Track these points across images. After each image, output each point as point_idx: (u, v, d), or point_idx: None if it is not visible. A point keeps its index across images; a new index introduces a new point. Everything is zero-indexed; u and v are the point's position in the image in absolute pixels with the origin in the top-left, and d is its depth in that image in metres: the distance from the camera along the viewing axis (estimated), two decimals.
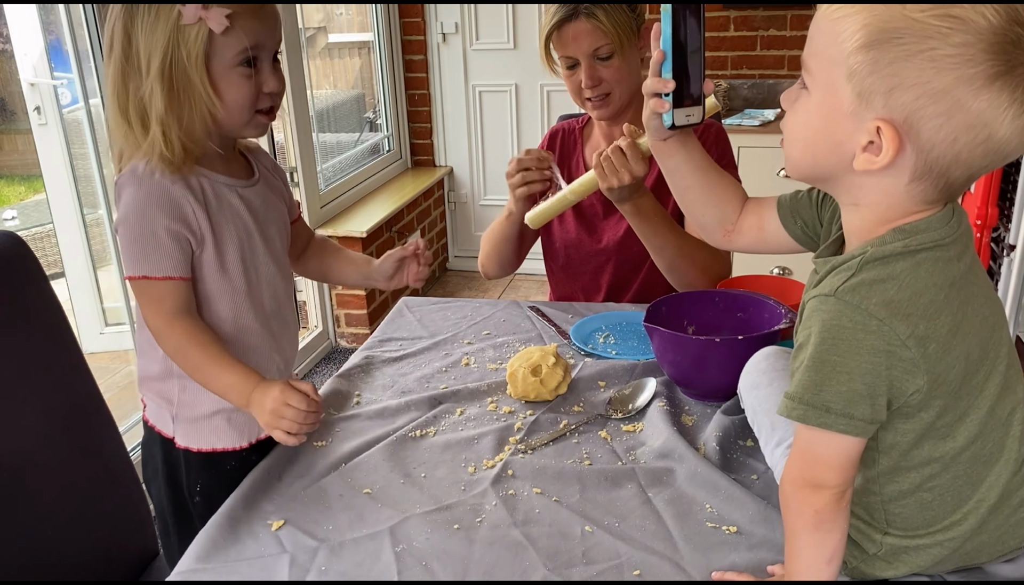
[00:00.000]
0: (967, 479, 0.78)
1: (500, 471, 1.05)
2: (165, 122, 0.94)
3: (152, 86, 0.93)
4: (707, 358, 1.17)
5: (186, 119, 0.95)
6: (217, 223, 0.99)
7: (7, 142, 2.72)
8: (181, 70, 0.93)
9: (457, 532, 0.95)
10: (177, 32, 0.92)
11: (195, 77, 0.93)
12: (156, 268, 0.95)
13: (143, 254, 0.95)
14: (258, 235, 1.04)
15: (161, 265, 0.95)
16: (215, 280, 1.01)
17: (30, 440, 1.15)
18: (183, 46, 0.92)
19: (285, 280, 1.10)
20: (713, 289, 1.39)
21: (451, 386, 1.29)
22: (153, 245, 0.95)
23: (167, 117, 0.94)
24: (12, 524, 1.10)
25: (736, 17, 3.34)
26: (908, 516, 0.80)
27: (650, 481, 1.02)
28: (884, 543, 0.82)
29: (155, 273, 0.95)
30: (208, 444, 1.08)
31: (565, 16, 1.48)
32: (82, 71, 2.10)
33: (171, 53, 0.92)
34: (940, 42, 0.64)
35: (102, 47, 1.02)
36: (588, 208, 1.68)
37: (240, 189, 1.03)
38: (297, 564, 0.91)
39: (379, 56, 3.78)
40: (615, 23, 1.47)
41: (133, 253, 0.95)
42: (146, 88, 0.93)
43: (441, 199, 4.06)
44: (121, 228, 0.96)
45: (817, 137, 0.73)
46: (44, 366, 1.19)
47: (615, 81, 1.52)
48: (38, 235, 2.75)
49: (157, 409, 1.07)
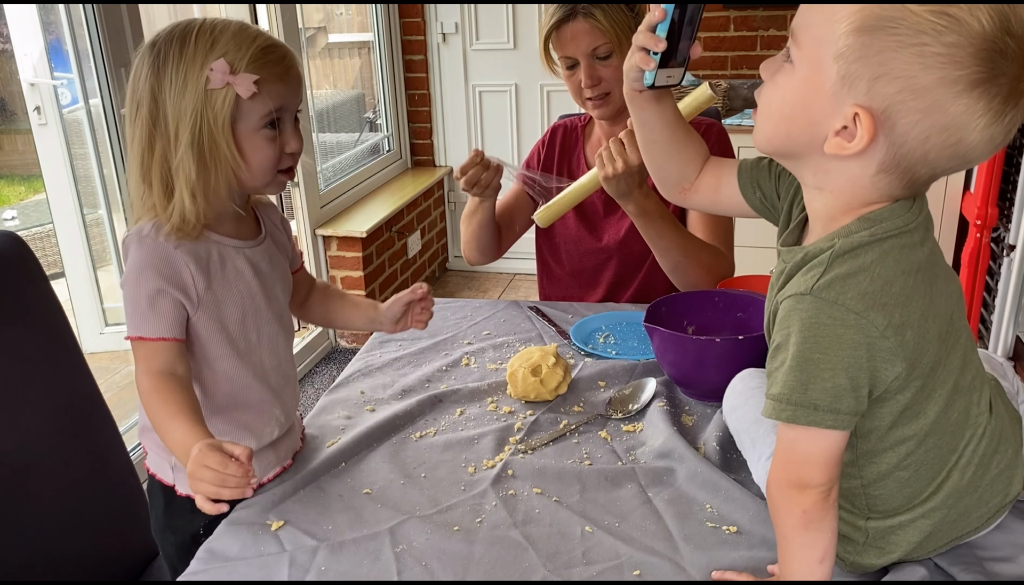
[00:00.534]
0: (939, 450, 0.79)
1: (500, 471, 1.05)
2: (194, 187, 0.95)
3: (183, 154, 0.94)
4: (707, 358, 1.17)
5: (212, 182, 0.96)
6: (219, 288, 1.00)
7: (7, 142, 2.72)
8: (208, 135, 0.93)
9: (457, 532, 0.95)
10: (205, 97, 0.92)
11: (221, 141, 0.94)
12: (150, 330, 0.96)
13: (139, 316, 0.96)
14: (262, 295, 1.05)
15: (154, 327, 0.96)
16: (213, 341, 1.01)
17: (30, 440, 1.15)
18: (210, 111, 0.93)
19: (286, 334, 1.11)
20: (713, 289, 1.39)
21: (451, 386, 1.29)
22: (147, 308, 0.95)
23: (196, 183, 0.95)
24: (12, 524, 1.10)
25: (736, 17, 3.34)
26: (888, 497, 0.81)
27: (650, 481, 1.03)
28: (868, 528, 0.83)
29: (149, 334, 0.96)
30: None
31: (563, 16, 1.48)
32: (82, 71, 2.10)
33: (199, 119, 0.93)
34: (932, 39, 0.64)
35: (122, 105, 1.04)
36: (589, 207, 1.68)
37: (247, 250, 1.04)
38: (297, 564, 0.91)
39: (379, 56, 3.78)
40: (613, 22, 1.47)
41: (130, 314, 0.97)
42: (176, 156, 0.94)
43: (441, 199, 4.06)
44: (123, 289, 0.98)
45: (794, 113, 0.72)
46: (44, 366, 1.19)
47: (614, 81, 1.52)
48: (38, 235, 2.75)
49: (156, 458, 1.07)
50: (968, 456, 0.80)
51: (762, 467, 0.96)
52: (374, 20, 3.73)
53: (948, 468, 0.80)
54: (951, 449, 0.80)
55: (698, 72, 3.40)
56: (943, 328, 0.76)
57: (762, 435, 0.97)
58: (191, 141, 0.93)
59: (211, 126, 0.93)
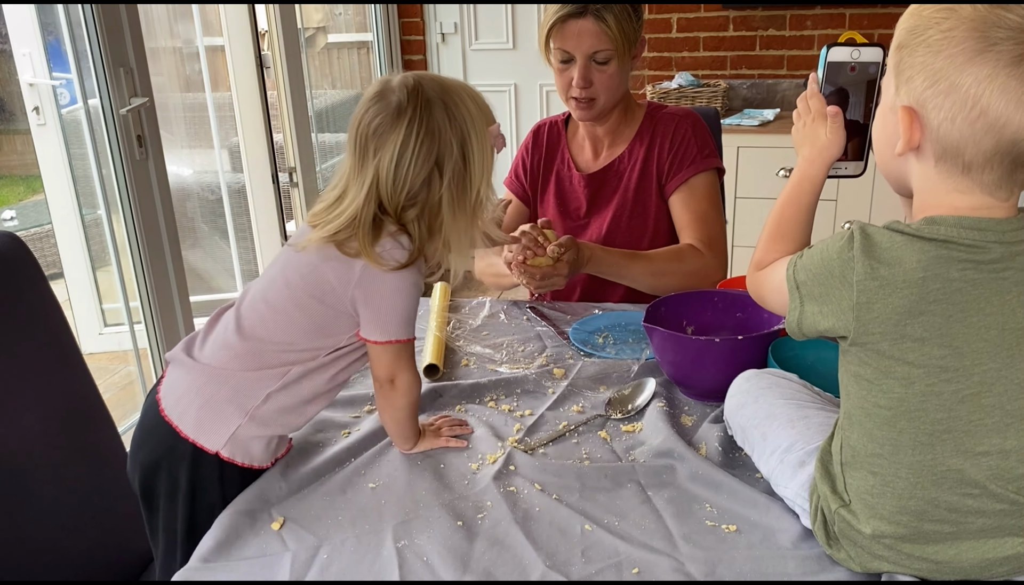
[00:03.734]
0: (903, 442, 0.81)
1: (500, 469, 1.06)
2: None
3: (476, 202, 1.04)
4: (706, 358, 1.17)
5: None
6: None
7: (6, 142, 2.72)
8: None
9: (458, 529, 0.95)
10: (491, 158, 1.04)
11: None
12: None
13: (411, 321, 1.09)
14: None
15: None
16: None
17: (29, 440, 1.15)
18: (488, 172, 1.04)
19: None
20: (713, 289, 1.39)
21: (451, 385, 1.29)
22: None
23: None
24: (12, 524, 1.10)
25: (736, 17, 3.34)
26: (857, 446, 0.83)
27: (650, 480, 1.03)
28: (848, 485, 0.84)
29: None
30: (250, 460, 1.07)
31: (574, 12, 1.47)
32: (81, 71, 2.10)
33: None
34: (935, 30, 0.73)
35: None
36: (572, 202, 1.69)
37: None
38: (298, 561, 0.91)
39: (378, 56, 3.78)
40: (621, 30, 1.47)
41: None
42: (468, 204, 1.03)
43: None
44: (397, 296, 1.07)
45: (879, 134, 0.85)
46: (43, 367, 1.19)
47: (604, 88, 1.53)
48: (37, 235, 2.76)
49: (213, 421, 1.04)
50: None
51: (776, 461, 0.96)
52: (373, 20, 3.73)
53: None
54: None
55: (698, 72, 3.40)
56: (948, 353, 0.75)
57: (775, 430, 0.98)
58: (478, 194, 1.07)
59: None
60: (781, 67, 3.35)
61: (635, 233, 1.63)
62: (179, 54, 2.93)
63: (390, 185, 0.99)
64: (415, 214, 1.01)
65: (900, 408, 0.78)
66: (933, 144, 0.76)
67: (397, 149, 0.98)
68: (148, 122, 2.16)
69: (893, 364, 0.77)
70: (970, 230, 0.75)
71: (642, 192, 1.62)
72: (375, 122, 0.99)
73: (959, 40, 0.72)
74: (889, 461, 0.80)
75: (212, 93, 2.90)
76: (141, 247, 2.19)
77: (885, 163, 0.85)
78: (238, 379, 1.04)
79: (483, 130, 1.02)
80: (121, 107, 2.07)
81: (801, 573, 0.86)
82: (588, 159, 1.69)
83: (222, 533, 0.96)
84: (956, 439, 0.77)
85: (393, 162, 0.98)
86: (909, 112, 0.76)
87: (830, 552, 0.87)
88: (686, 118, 1.62)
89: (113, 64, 2.05)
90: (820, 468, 0.88)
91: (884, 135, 0.83)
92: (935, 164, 0.77)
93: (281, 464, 1.08)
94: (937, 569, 0.81)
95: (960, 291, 0.74)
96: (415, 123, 0.98)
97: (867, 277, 0.76)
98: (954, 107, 0.73)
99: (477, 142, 1.01)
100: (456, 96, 1.01)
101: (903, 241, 0.75)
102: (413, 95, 0.99)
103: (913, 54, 0.75)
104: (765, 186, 2.98)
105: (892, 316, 0.75)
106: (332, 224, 1.00)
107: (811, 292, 0.81)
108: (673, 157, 1.59)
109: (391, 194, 0.99)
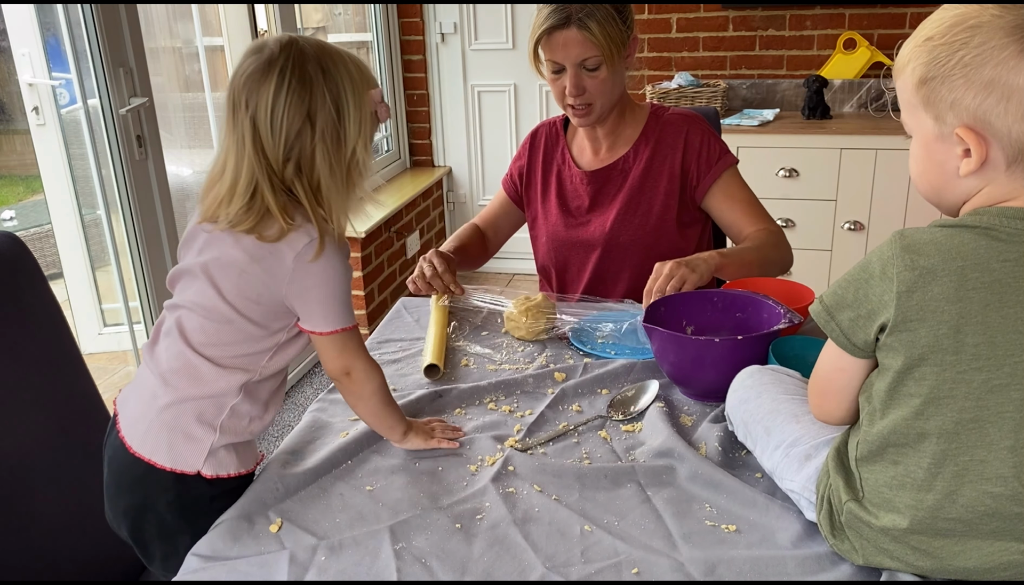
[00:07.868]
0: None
1: (499, 470, 1.06)
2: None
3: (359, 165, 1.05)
4: (706, 358, 1.17)
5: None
6: None
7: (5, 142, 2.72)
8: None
9: (456, 531, 0.95)
10: (370, 120, 1.03)
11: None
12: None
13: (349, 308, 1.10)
14: None
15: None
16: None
17: (29, 440, 1.15)
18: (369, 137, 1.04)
19: None
20: (713, 289, 1.39)
21: (451, 386, 1.29)
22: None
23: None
24: (12, 524, 1.10)
25: (735, 17, 3.34)
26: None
27: (649, 480, 1.03)
28: (860, 474, 0.85)
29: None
30: (235, 469, 1.07)
31: (557, 23, 1.47)
32: (80, 71, 2.10)
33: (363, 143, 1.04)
34: (965, 50, 0.76)
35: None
36: (574, 199, 1.69)
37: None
38: (296, 562, 0.91)
39: (378, 56, 3.78)
40: (607, 35, 1.47)
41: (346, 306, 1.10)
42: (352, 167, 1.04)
43: (440, 199, 4.06)
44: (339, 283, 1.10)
45: (925, 167, 0.85)
46: (43, 366, 1.19)
47: (598, 93, 1.53)
48: (36, 236, 2.75)
49: (186, 445, 1.03)
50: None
51: (781, 455, 0.97)
52: (373, 20, 3.73)
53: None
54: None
55: (697, 72, 3.40)
56: (979, 339, 0.76)
57: (779, 425, 0.99)
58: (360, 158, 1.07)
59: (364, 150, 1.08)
60: (781, 67, 3.35)
61: (638, 232, 1.64)
62: (178, 54, 2.92)
63: (268, 134, 0.98)
64: (294, 170, 1.01)
65: (930, 395, 0.79)
66: (1005, 149, 0.78)
67: (271, 97, 0.97)
68: (148, 122, 2.16)
69: (928, 352, 0.78)
70: (1013, 219, 0.76)
71: (647, 191, 1.62)
72: (247, 74, 0.99)
73: (1000, 47, 0.75)
74: (913, 449, 0.80)
75: (212, 93, 2.89)
76: (140, 247, 2.19)
77: (939, 191, 0.85)
78: (198, 398, 1.03)
79: (361, 91, 1.02)
80: (120, 107, 2.07)
81: (800, 573, 0.86)
82: (589, 159, 1.69)
83: (221, 535, 0.96)
84: (982, 430, 0.78)
85: (268, 109, 0.98)
86: (969, 131, 0.78)
87: (833, 542, 0.87)
88: (697, 121, 1.63)
89: (112, 64, 2.05)
90: (835, 460, 0.88)
91: (933, 166, 0.83)
92: (1006, 169, 0.79)
93: (278, 466, 1.08)
94: (939, 568, 0.81)
95: (1000, 281, 0.76)
96: (287, 72, 0.98)
97: (906, 268, 0.77)
98: (1019, 107, 0.75)
99: (353, 99, 1.00)
100: (335, 56, 1.01)
101: (944, 234, 0.78)
102: (286, 48, 0.99)
103: (946, 81, 0.78)
104: (765, 186, 2.97)
105: (931, 303, 0.77)
106: (233, 207, 1.00)
107: (841, 301, 0.83)
108: (699, 159, 1.60)
109: (271, 145, 0.99)
